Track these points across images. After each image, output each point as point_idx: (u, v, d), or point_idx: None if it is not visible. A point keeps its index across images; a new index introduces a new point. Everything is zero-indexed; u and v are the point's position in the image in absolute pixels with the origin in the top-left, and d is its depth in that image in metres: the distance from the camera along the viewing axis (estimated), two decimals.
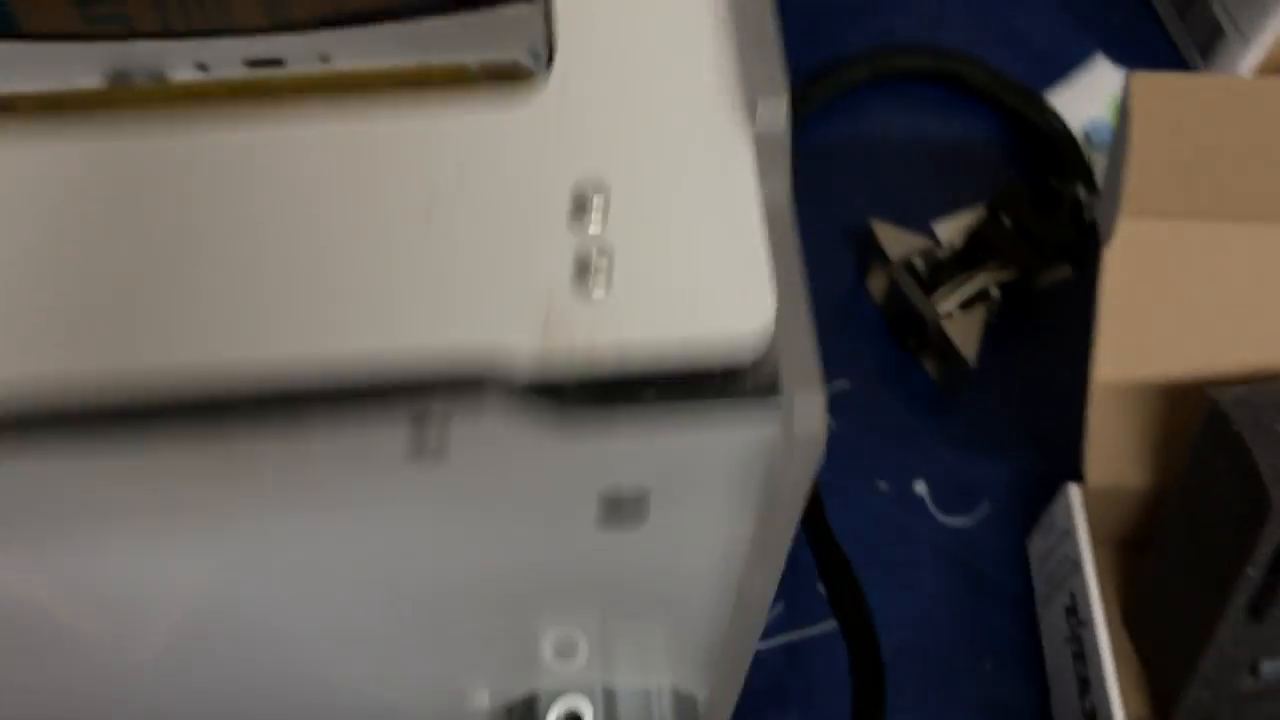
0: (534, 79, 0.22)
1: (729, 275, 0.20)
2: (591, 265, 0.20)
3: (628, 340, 0.19)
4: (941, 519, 0.57)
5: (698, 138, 0.21)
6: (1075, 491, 0.52)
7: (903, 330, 0.60)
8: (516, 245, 0.20)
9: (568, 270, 0.20)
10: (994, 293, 0.58)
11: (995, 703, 0.54)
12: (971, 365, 0.57)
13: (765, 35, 0.21)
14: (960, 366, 0.57)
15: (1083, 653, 0.50)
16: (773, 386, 0.20)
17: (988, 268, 0.59)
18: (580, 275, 0.20)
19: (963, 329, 0.57)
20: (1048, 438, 0.58)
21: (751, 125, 0.21)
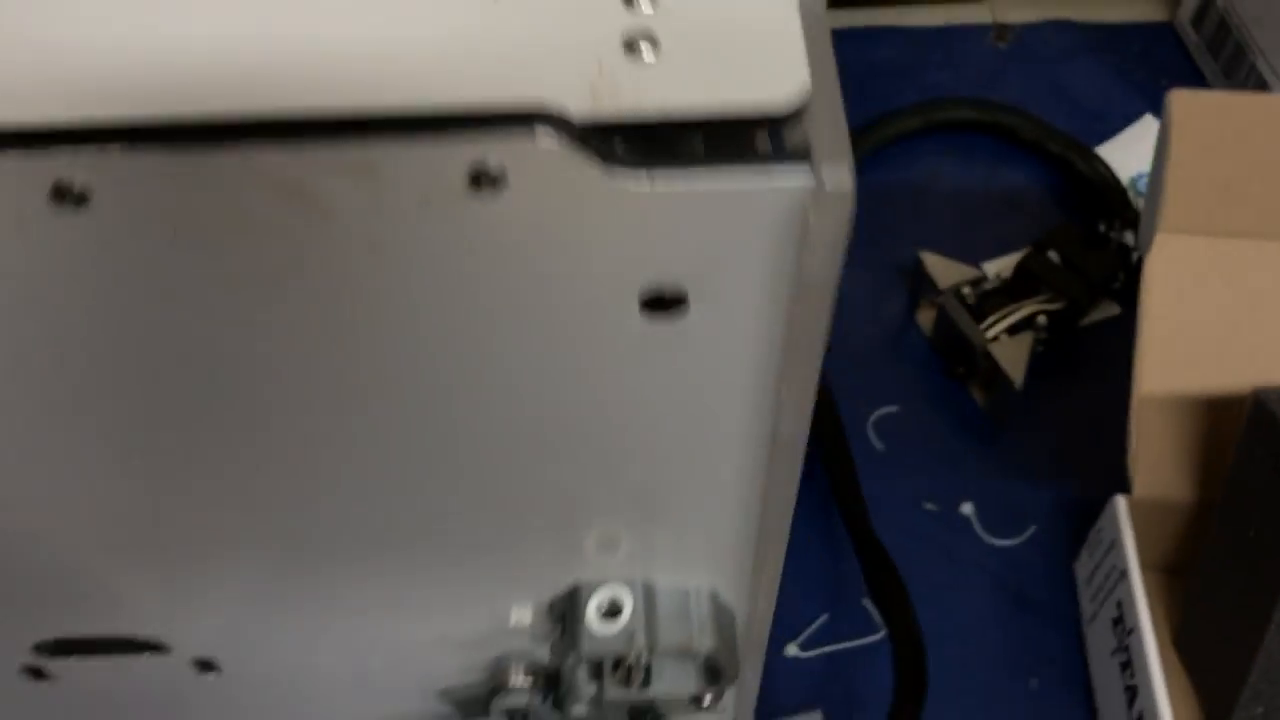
0: None
1: (767, 47, 0.22)
2: (640, 34, 0.22)
3: (672, 96, 0.21)
4: (988, 540, 0.57)
5: None
6: (1122, 503, 0.52)
7: (952, 359, 0.62)
8: (572, 15, 0.22)
9: (618, 37, 0.22)
10: (1041, 320, 0.59)
11: None
12: (1018, 387, 0.58)
13: None
14: (1007, 390, 0.58)
15: (1129, 662, 0.50)
16: (804, 150, 0.22)
17: (1036, 298, 0.60)
18: (630, 42, 0.22)
19: (1010, 353, 0.59)
20: (1094, 466, 0.58)
21: None
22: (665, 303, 0.24)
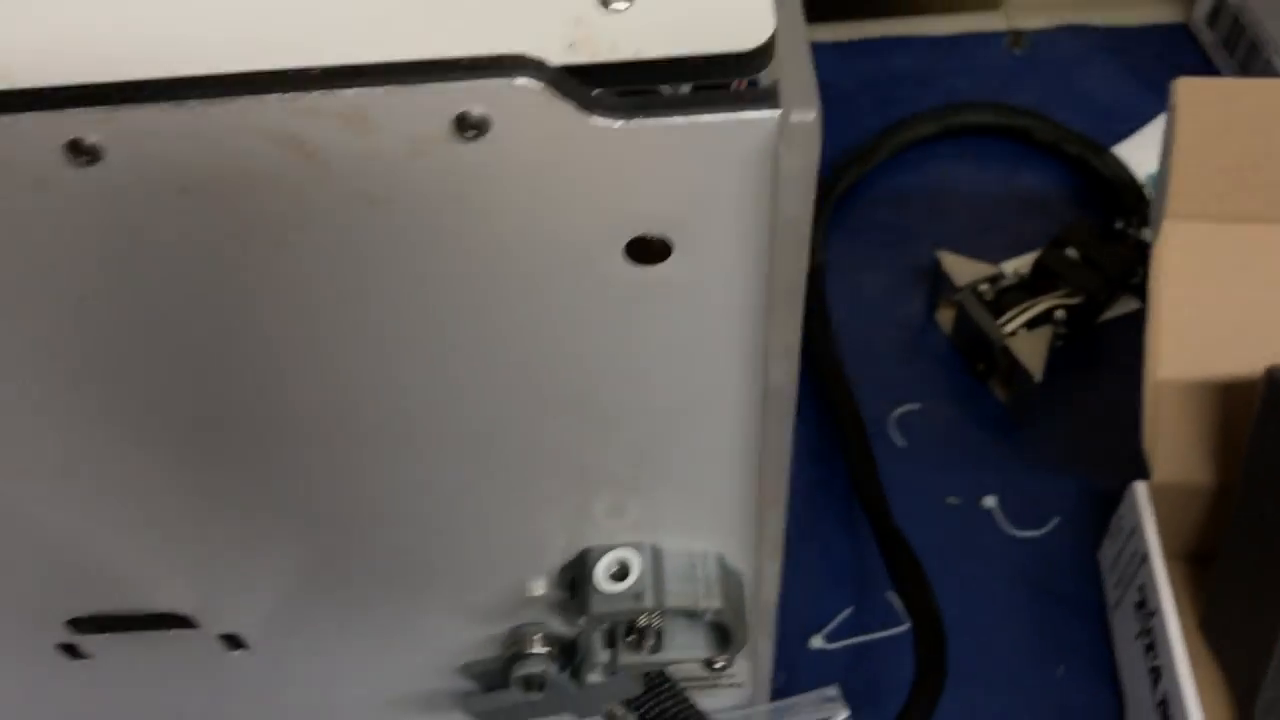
0: None
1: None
2: None
3: (645, 41, 0.22)
4: (1012, 532, 0.58)
5: None
6: (1141, 488, 0.52)
7: (972, 356, 0.62)
8: None
9: None
10: (1060, 315, 0.60)
11: (1068, 707, 0.53)
12: (1037, 381, 0.58)
13: None
14: (1027, 384, 0.59)
15: (1153, 644, 0.50)
16: (772, 87, 0.23)
17: (1054, 293, 0.61)
18: None
19: (1029, 347, 0.59)
20: (1116, 457, 0.58)
21: None
22: (651, 254, 0.25)
